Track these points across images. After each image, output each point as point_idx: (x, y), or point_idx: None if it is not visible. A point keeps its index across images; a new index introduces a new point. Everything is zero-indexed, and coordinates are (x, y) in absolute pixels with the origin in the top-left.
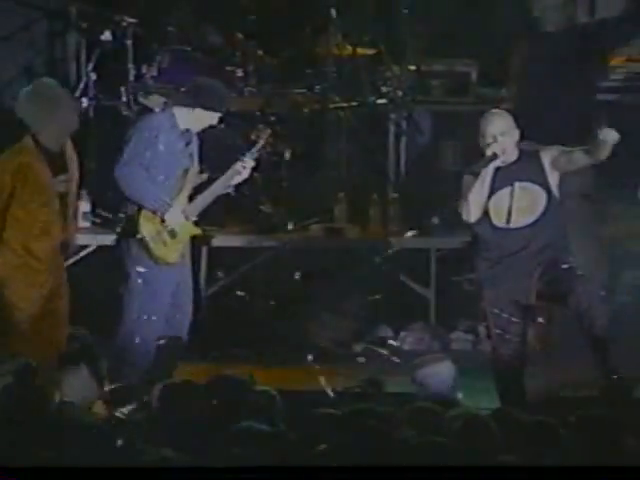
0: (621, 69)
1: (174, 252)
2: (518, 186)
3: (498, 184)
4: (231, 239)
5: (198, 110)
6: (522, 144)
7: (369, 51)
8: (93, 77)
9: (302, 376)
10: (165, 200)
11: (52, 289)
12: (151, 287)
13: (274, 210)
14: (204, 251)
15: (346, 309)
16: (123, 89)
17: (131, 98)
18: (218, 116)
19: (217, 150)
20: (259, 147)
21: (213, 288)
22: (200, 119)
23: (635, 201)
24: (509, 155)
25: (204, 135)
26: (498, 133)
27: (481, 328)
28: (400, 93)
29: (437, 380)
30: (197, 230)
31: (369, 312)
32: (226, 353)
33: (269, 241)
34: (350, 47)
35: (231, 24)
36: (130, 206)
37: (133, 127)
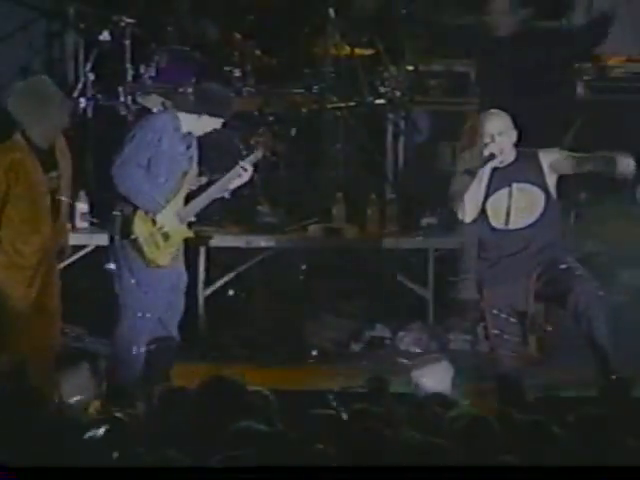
0: (620, 69)
1: (166, 255)
2: (516, 187)
3: (496, 185)
4: (229, 239)
5: (204, 116)
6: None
7: (367, 51)
8: (91, 77)
9: (301, 376)
10: (158, 201)
11: (41, 288)
12: (143, 287)
13: (272, 210)
14: (202, 251)
15: (344, 309)
16: (121, 89)
17: (129, 98)
18: (222, 122)
19: (215, 150)
20: (258, 154)
21: (211, 288)
22: (205, 125)
23: (634, 201)
24: (507, 155)
25: (202, 135)
26: (496, 133)
27: (479, 328)
28: (398, 93)
29: (435, 380)
30: (190, 233)
31: (367, 312)
32: (225, 353)
33: (267, 241)
34: (348, 47)
35: (229, 24)
36: (127, 206)
37: (136, 127)
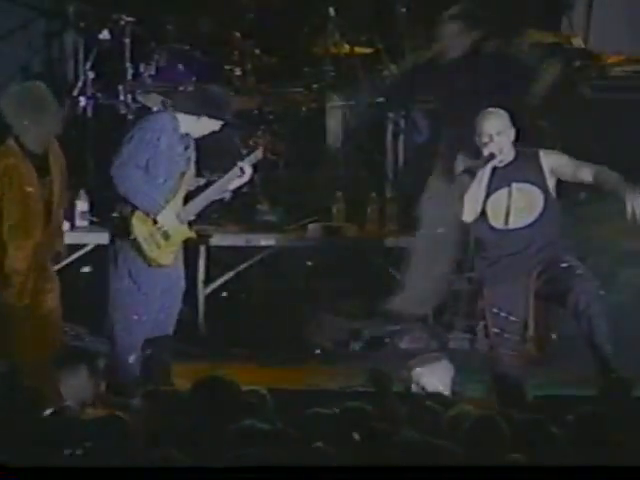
0: (620, 69)
1: (168, 254)
2: (515, 187)
3: (495, 185)
4: (229, 238)
5: (203, 118)
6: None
7: (367, 50)
8: (91, 76)
9: (301, 376)
10: (158, 202)
11: (34, 292)
12: (142, 288)
13: (272, 209)
14: (202, 250)
15: (344, 308)
16: (121, 88)
17: (129, 97)
18: (220, 124)
19: (214, 150)
20: (258, 154)
21: (211, 287)
22: (203, 126)
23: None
24: (506, 155)
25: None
26: (494, 132)
27: (479, 327)
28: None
29: (435, 379)
30: (191, 233)
31: (367, 311)
32: (225, 353)
33: (267, 240)
34: (348, 46)
35: (229, 23)
36: (126, 206)
37: (135, 127)
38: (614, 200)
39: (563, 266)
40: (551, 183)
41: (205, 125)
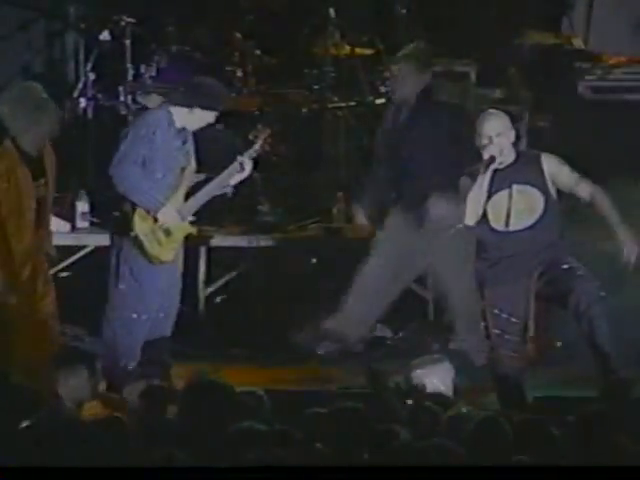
0: (620, 69)
1: (170, 251)
2: (516, 189)
3: (496, 186)
4: (230, 239)
5: (197, 110)
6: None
7: (367, 51)
8: (92, 77)
9: (301, 376)
10: (158, 198)
11: (26, 293)
12: (142, 286)
13: (273, 210)
14: (203, 251)
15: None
16: (122, 89)
17: (129, 98)
18: (215, 115)
19: (215, 150)
20: (257, 147)
21: (212, 288)
22: (198, 118)
23: (634, 201)
24: (506, 156)
25: (202, 135)
26: (494, 134)
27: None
28: None
29: (436, 380)
30: (192, 229)
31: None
32: (225, 353)
33: (267, 241)
34: (348, 47)
35: (230, 24)
36: (126, 204)
37: (130, 125)
38: (615, 199)
39: (564, 267)
40: (551, 184)
41: (200, 117)
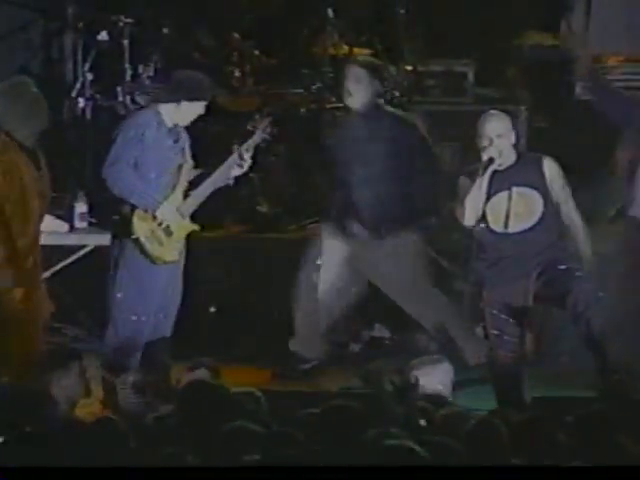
0: (620, 69)
1: (172, 250)
2: (515, 191)
3: (495, 188)
4: (229, 239)
5: (183, 104)
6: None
7: (366, 51)
8: (90, 77)
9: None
10: (154, 197)
11: (27, 288)
12: (142, 288)
13: (272, 210)
14: (202, 251)
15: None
16: (120, 89)
17: (128, 98)
18: (204, 105)
19: (214, 150)
20: (256, 137)
21: (211, 288)
22: (187, 112)
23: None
24: (506, 158)
25: (201, 135)
26: (494, 135)
27: (479, 329)
28: (397, 93)
29: (435, 380)
30: (194, 226)
31: (366, 312)
32: (225, 353)
33: (267, 241)
34: (347, 47)
35: (228, 24)
36: (125, 207)
37: (119, 127)
38: (614, 201)
39: (562, 268)
40: (551, 188)
41: (188, 110)
